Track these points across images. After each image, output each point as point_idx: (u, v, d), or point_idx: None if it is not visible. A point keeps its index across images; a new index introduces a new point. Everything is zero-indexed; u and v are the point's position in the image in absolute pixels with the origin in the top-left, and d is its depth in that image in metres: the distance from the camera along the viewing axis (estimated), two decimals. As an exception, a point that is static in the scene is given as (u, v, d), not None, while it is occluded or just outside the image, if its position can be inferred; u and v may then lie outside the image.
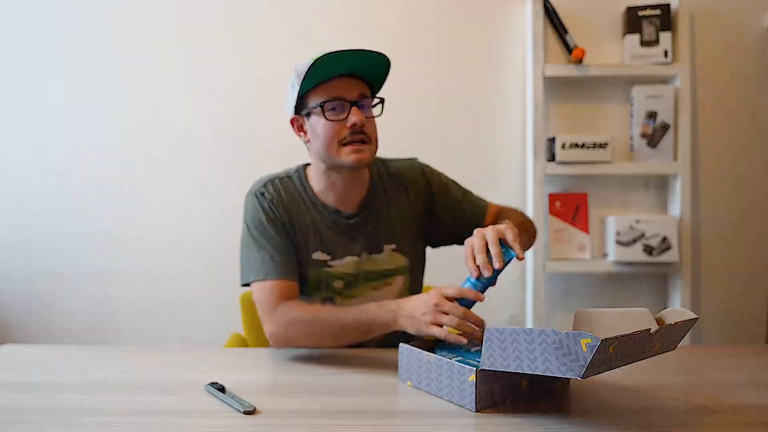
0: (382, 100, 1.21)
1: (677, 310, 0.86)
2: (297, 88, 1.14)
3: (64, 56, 2.08)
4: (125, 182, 2.08)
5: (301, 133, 1.22)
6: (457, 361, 0.89)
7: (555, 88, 2.06)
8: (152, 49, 2.07)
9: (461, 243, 1.17)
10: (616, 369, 0.79)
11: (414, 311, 1.01)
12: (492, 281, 1.01)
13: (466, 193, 1.37)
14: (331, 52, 1.09)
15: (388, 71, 1.20)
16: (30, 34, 2.07)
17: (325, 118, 1.14)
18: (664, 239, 1.94)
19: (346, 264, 1.23)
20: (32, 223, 2.09)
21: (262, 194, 1.23)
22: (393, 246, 1.27)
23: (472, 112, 2.08)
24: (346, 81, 1.15)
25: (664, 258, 1.93)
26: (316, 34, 2.06)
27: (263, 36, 2.06)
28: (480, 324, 0.99)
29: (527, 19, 2.02)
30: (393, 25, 2.07)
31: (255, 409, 0.83)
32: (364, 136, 1.15)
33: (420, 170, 1.34)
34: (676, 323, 0.80)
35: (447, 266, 1.49)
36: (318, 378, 1.00)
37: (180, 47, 2.07)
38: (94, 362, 1.11)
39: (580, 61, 1.96)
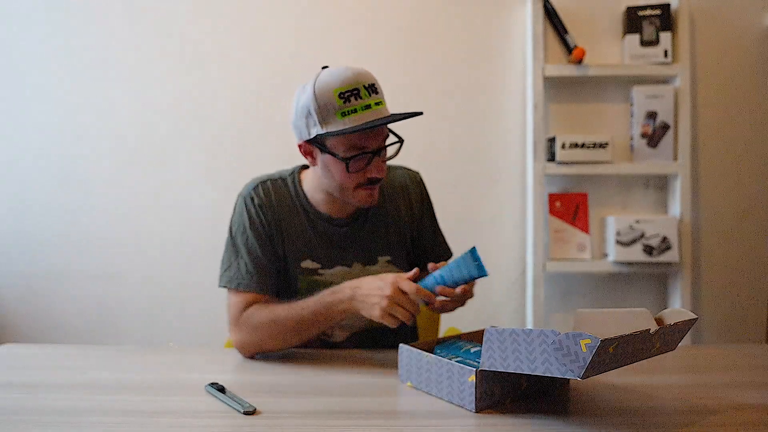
0: (401, 142, 1.15)
1: (677, 310, 0.86)
2: (315, 125, 1.08)
3: (64, 57, 2.07)
4: (125, 182, 2.08)
5: (309, 157, 1.16)
6: (457, 361, 0.89)
7: (555, 88, 2.06)
8: (153, 50, 2.07)
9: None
10: (616, 369, 0.79)
11: (368, 298, 1.03)
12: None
13: (441, 232, 1.37)
14: (363, 112, 1.06)
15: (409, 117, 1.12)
16: (30, 34, 2.07)
17: (347, 168, 1.09)
18: (664, 239, 1.94)
19: (335, 274, 1.21)
20: (32, 224, 2.09)
21: (252, 199, 1.20)
22: (388, 258, 1.25)
23: (472, 112, 2.08)
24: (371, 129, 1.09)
25: (664, 258, 1.93)
26: (317, 34, 2.06)
27: (265, 37, 2.06)
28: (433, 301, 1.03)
29: (527, 19, 2.02)
30: (393, 25, 2.06)
31: (255, 409, 0.83)
32: (379, 179, 1.13)
33: (420, 183, 1.34)
34: (676, 323, 0.80)
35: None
36: (318, 378, 1.00)
37: (180, 48, 2.07)
38: (94, 362, 1.11)
39: (580, 61, 1.96)
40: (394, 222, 1.27)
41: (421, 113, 1.11)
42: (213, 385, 0.91)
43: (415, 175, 1.35)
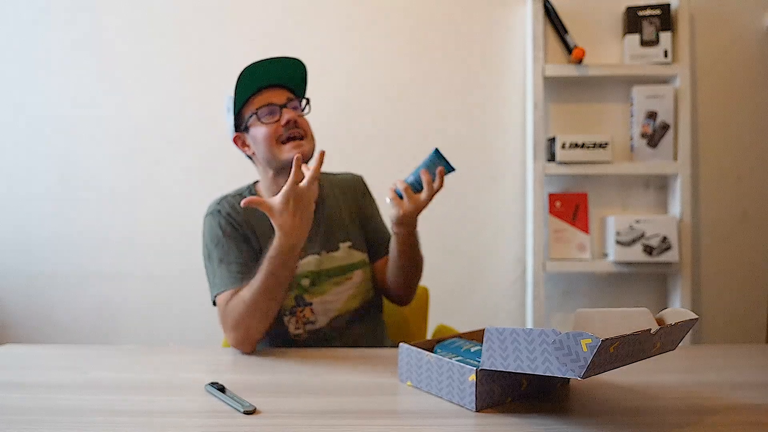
0: (308, 101, 1.34)
1: (677, 310, 0.86)
2: (232, 107, 1.26)
3: (65, 57, 2.08)
4: (125, 182, 2.08)
5: (245, 148, 1.31)
6: (457, 360, 0.89)
7: (555, 88, 2.06)
8: (153, 51, 2.07)
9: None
10: (616, 369, 0.79)
11: (283, 222, 1.07)
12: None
13: (383, 226, 1.45)
14: (254, 62, 1.23)
15: (307, 77, 1.32)
16: (31, 34, 2.07)
17: (261, 122, 1.24)
18: (664, 239, 1.94)
19: (309, 263, 1.29)
20: (32, 223, 2.09)
21: (218, 211, 1.29)
22: (348, 243, 1.35)
23: (472, 112, 2.08)
24: (272, 91, 1.27)
25: (664, 258, 1.93)
26: (317, 35, 2.06)
27: (265, 38, 2.06)
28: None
29: (527, 19, 2.02)
30: (393, 25, 2.07)
31: (255, 409, 0.83)
32: (299, 130, 1.25)
33: (360, 180, 1.47)
34: (676, 323, 0.80)
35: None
36: (318, 378, 1.00)
37: (180, 49, 2.07)
38: (95, 362, 1.11)
39: (580, 61, 1.96)
40: (347, 211, 1.39)
41: (299, 60, 1.28)
42: (213, 384, 0.91)
43: (357, 176, 1.48)
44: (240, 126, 1.29)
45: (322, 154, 1.08)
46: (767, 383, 0.97)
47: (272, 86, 1.28)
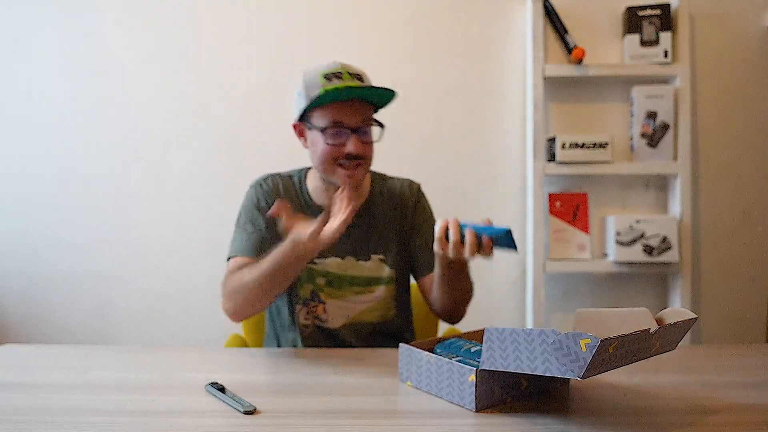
0: (382, 126, 1.24)
1: (677, 310, 0.86)
2: (303, 101, 1.19)
3: (66, 58, 2.08)
4: (125, 183, 2.08)
5: (302, 138, 1.27)
6: (457, 360, 0.89)
7: (555, 88, 2.06)
8: (154, 52, 2.07)
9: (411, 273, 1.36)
10: (616, 369, 0.79)
11: (296, 246, 1.03)
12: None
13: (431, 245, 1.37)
14: (342, 86, 1.14)
15: (393, 100, 1.21)
16: (32, 34, 2.07)
17: (325, 141, 1.18)
18: (664, 239, 1.94)
19: (329, 263, 1.27)
20: (33, 224, 2.09)
21: (260, 185, 1.31)
22: (381, 256, 1.31)
23: (472, 112, 2.08)
24: (351, 105, 1.18)
25: (664, 258, 1.93)
26: (318, 35, 2.06)
27: (266, 37, 2.06)
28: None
29: (527, 19, 2.02)
30: (394, 25, 2.07)
31: (255, 409, 0.83)
32: (360, 160, 1.19)
33: (418, 192, 1.39)
34: (676, 323, 0.80)
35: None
36: (318, 378, 1.00)
37: (179, 48, 2.07)
38: (94, 362, 1.11)
39: (580, 61, 1.96)
40: (390, 224, 1.32)
41: (393, 92, 1.17)
42: (213, 384, 0.91)
43: (414, 184, 1.40)
44: (305, 118, 1.22)
45: (352, 210, 1.02)
46: (767, 383, 0.97)
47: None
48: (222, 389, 0.90)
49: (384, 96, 1.19)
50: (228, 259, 1.24)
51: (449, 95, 2.07)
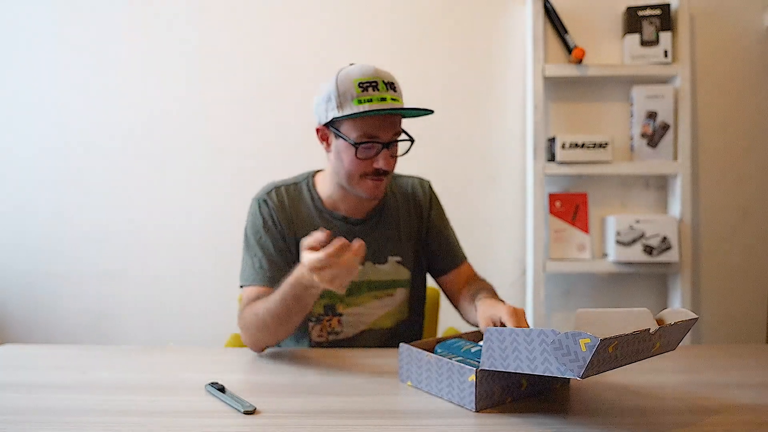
0: (412, 141, 1.19)
1: (677, 310, 0.86)
2: (333, 106, 1.13)
3: (66, 55, 2.07)
4: (125, 182, 2.08)
5: (324, 143, 1.21)
6: (457, 361, 0.89)
7: (555, 88, 2.06)
8: (154, 50, 2.07)
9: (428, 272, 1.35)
10: (616, 369, 0.79)
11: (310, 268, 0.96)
12: None
13: (454, 236, 1.38)
14: (382, 106, 1.10)
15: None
16: (33, 33, 2.07)
17: (356, 155, 1.13)
18: (664, 239, 1.94)
19: None
20: (33, 223, 2.09)
21: (265, 201, 1.25)
22: (398, 258, 1.29)
23: (472, 112, 2.08)
24: (385, 119, 1.14)
25: (664, 258, 1.93)
26: (318, 36, 2.06)
27: (267, 36, 2.06)
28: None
29: (527, 19, 2.02)
30: (394, 25, 2.07)
31: (255, 409, 0.83)
32: (386, 173, 1.17)
33: (429, 190, 1.37)
34: (676, 323, 0.80)
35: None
36: (318, 378, 1.00)
37: (182, 48, 2.07)
38: (94, 362, 1.11)
39: (580, 61, 1.96)
40: (405, 224, 1.31)
41: (431, 111, 1.14)
42: (213, 384, 0.91)
43: (424, 182, 1.39)
44: (331, 123, 1.15)
45: (361, 246, 0.95)
46: (767, 383, 0.97)
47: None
48: (222, 389, 0.90)
49: (419, 113, 1.15)
50: (240, 286, 1.22)
51: (449, 95, 2.07)
